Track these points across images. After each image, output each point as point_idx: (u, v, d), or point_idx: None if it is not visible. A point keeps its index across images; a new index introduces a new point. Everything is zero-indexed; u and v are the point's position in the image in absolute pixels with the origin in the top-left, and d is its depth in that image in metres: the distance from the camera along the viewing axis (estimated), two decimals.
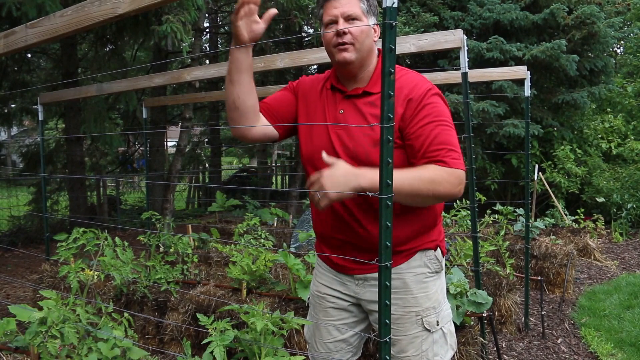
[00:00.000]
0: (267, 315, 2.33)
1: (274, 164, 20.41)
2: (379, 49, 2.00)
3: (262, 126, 2.00)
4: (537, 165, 9.00)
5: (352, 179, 1.62)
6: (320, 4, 1.93)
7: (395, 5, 1.41)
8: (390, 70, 1.42)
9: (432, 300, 1.97)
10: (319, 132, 1.96)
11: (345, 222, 1.92)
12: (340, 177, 1.62)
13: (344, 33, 1.84)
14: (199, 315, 2.53)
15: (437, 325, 1.98)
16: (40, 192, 9.70)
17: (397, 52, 1.46)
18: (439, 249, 2.03)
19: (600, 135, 10.32)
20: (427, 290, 1.97)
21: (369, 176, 1.63)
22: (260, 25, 1.81)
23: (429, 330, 1.96)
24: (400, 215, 1.88)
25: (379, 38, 1.88)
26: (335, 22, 1.86)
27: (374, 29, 1.91)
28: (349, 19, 1.85)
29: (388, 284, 1.51)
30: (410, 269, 1.96)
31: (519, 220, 6.46)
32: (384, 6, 1.41)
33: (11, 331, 2.68)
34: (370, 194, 1.55)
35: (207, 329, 2.40)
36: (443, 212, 4.15)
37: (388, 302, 1.52)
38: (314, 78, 2.11)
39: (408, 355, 1.96)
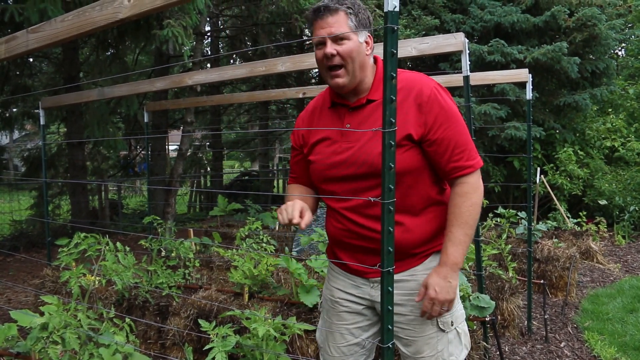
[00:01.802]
0: (269, 320, 2.32)
1: (275, 168, 20.40)
2: (375, 57, 2.01)
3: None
4: (539, 168, 8.99)
5: (448, 279, 1.87)
6: (310, 22, 1.92)
7: (397, 9, 1.40)
8: (392, 75, 1.42)
9: None
10: (329, 152, 1.97)
11: (360, 226, 1.93)
12: (443, 286, 1.85)
13: (332, 55, 1.85)
14: (200, 321, 2.53)
15: (452, 325, 1.99)
16: (42, 196, 9.71)
17: (398, 56, 1.45)
18: None
19: (603, 136, 10.30)
20: None
21: (452, 263, 1.87)
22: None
23: (443, 331, 1.98)
24: (416, 219, 1.93)
25: (372, 50, 1.91)
26: (324, 43, 1.86)
27: (366, 41, 1.90)
28: (337, 39, 1.84)
29: (390, 289, 1.50)
30: (425, 271, 1.97)
31: (521, 224, 6.44)
32: (385, 10, 1.41)
33: (12, 336, 2.68)
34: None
35: (209, 334, 2.39)
36: None
37: (390, 308, 1.51)
38: (308, 110, 2.14)
39: (424, 355, 1.97)
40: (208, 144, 18.19)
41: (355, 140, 1.90)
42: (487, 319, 3.42)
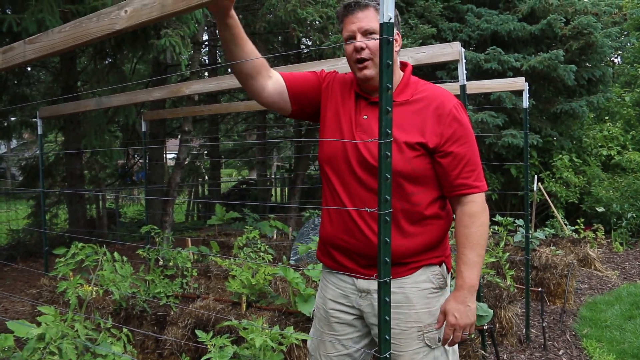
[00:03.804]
0: (267, 331, 2.32)
1: (273, 176, 20.40)
2: (403, 62, 2.04)
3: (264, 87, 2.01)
4: (536, 176, 8.99)
5: (467, 303, 1.88)
6: (340, 18, 1.97)
7: (392, 20, 1.41)
8: (388, 86, 1.42)
9: (434, 316, 1.97)
10: (344, 135, 1.98)
11: (356, 226, 1.93)
12: (463, 311, 1.87)
13: (362, 48, 1.88)
14: (197, 332, 2.52)
15: (439, 341, 1.97)
16: (39, 205, 9.69)
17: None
18: (444, 264, 2.03)
19: (600, 144, 10.33)
20: (430, 307, 1.96)
21: (468, 287, 1.88)
22: None
23: (429, 347, 1.95)
24: (410, 227, 1.92)
25: (400, 48, 1.94)
26: (354, 37, 1.90)
27: (394, 39, 1.92)
28: (367, 33, 1.88)
29: (387, 299, 1.50)
30: (414, 284, 1.96)
31: (519, 231, 6.44)
32: (380, 22, 1.42)
33: (9, 347, 2.66)
34: None
35: (207, 344, 2.39)
36: None
37: (388, 318, 1.51)
38: (345, 78, 2.10)
39: None
40: (206, 152, 18.19)
41: (371, 133, 1.92)
42: (485, 328, 3.42)
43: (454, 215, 2.01)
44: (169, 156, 16.09)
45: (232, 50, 1.85)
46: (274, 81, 2.00)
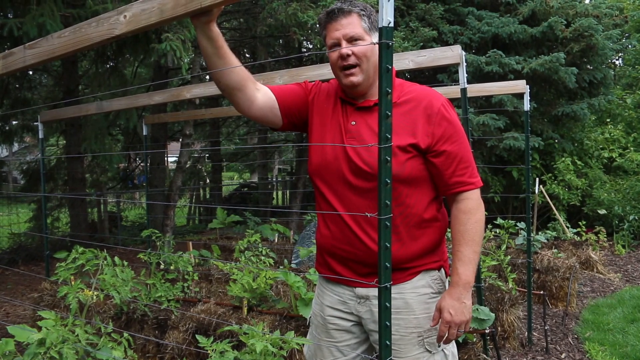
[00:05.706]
0: (267, 335, 2.31)
1: (274, 179, 20.39)
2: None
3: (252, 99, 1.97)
4: (537, 178, 8.98)
5: (462, 300, 1.87)
6: (323, 25, 1.94)
7: (392, 25, 1.41)
8: (388, 91, 1.42)
9: None
10: (333, 143, 1.97)
11: (354, 234, 1.91)
12: (458, 307, 1.85)
13: (348, 55, 1.86)
14: (198, 337, 2.51)
15: (439, 346, 1.96)
16: (41, 209, 9.69)
17: (397, 69, 1.46)
18: (442, 269, 2.02)
19: (601, 146, 10.32)
20: (430, 312, 1.95)
21: (464, 283, 1.86)
22: None
23: (430, 352, 1.95)
24: (409, 232, 1.91)
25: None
26: (338, 44, 1.88)
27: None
28: (352, 40, 1.86)
29: (388, 305, 1.50)
30: (413, 289, 1.95)
31: (521, 234, 6.43)
32: (379, 26, 1.41)
33: (10, 352, 2.66)
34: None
35: (207, 349, 2.38)
36: None
37: (388, 324, 1.51)
38: (329, 87, 2.09)
39: None
40: (207, 155, 18.20)
41: (360, 139, 1.90)
42: (486, 331, 3.41)
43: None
44: (170, 160, 16.09)
45: (215, 63, 1.83)
46: (263, 94, 1.98)
